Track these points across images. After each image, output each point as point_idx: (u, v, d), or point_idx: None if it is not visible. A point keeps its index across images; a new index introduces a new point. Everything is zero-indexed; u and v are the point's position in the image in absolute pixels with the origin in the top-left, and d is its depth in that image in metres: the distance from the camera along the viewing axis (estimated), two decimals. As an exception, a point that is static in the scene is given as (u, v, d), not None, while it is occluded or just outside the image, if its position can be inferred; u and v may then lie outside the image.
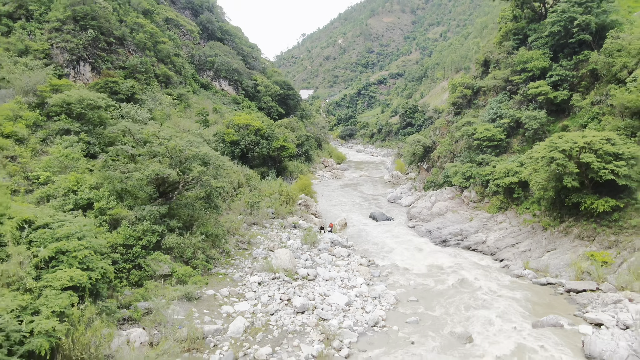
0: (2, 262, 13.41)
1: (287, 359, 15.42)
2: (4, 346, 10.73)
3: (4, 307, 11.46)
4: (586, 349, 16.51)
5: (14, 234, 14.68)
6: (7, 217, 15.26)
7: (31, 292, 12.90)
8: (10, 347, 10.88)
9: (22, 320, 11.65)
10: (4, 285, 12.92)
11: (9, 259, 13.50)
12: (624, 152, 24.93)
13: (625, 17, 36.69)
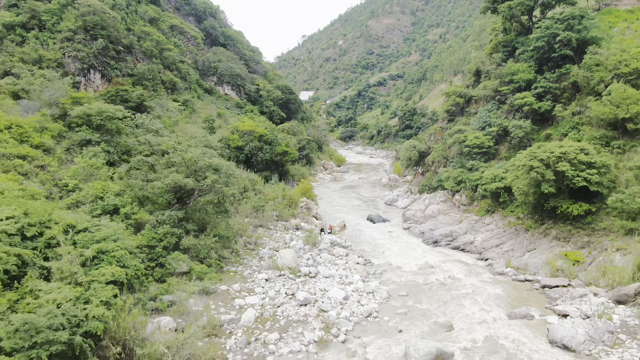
0: (56, 260, 16.11)
1: (292, 343, 18.12)
2: (67, 327, 13.41)
3: (64, 297, 14.17)
4: (550, 335, 19.20)
5: (60, 237, 17.38)
6: (54, 222, 17.96)
7: (81, 285, 15.60)
8: (70, 328, 13.56)
9: (77, 308, 14.33)
10: (58, 279, 15.63)
11: (60, 258, 16.20)
12: (596, 161, 27.60)
13: (606, 32, 39.32)
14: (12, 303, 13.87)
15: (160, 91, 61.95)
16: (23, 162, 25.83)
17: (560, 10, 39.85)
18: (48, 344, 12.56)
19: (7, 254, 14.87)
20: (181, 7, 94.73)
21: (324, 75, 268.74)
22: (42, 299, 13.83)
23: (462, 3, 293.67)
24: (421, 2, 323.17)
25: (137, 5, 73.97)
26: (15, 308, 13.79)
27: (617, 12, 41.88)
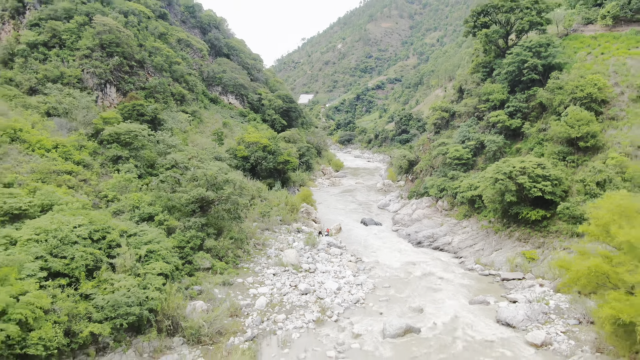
0: (118, 257, 21.49)
1: (295, 322, 23.51)
2: (134, 304, 18.77)
3: (131, 284, 19.56)
4: (497, 316, 24.60)
5: (118, 239, 22.78)
6: (111, 228, 23.34)
7: (139, 275, 20.99)
8: (138, 305, 18.93)
9: (139, 292, 19.69)
10: (122, 272, 21.01)
11: (121, 256, 21.57)
12: (550, 174, 33.00)
13: (571, 57, 44.72)
14: (93, 289, 19.27)
15: (170, 103, 67.26)
16: (70, 177, 31.22)
17: (533, 35, 45.30)
18: (126, 315, 17.98)
19: (86, 252, 20.27)
20: (187, 20, 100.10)
21: (324, 79, 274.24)
22: (115, 285, 19.24)
23: (459, 7, 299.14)
24: (419, 5, 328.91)
25: (148, 21, 79.07)
26: (95, 292, 19.18)
27: (582, 38, 47.27)
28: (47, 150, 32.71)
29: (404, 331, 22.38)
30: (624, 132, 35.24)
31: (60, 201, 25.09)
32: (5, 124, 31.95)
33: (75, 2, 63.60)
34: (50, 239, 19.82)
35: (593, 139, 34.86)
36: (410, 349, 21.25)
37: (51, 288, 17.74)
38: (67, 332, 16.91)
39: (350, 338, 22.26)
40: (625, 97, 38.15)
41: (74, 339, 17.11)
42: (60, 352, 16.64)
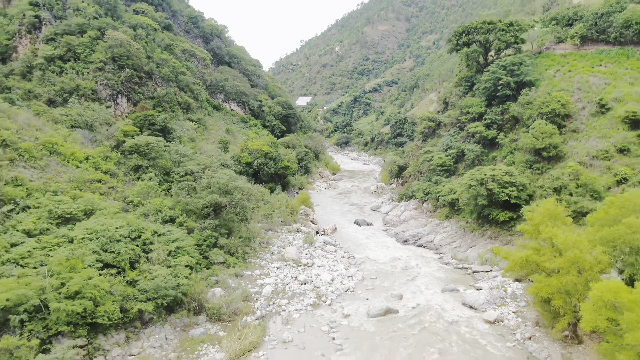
0: (152, 252, 26.65)
1: (296, 305, 28.72)
2: (170, 288, 23.92)
3: (165, 273, 24.74)
4: (463, 300, 29.84)
5: (151, 238, 27.93)
6: (144, 228, 28.50)
7: (170, 267, 26.16)
8: (172, 289, 24.08)
9: (172, 279, 24.84)
10: (156, 264, 26.16)
11: (155, 251, 26.72)
12: (516, 181, 38.27)
13: (542, 74, 50.01)
14: (137, 276, 24.44)
15: (177, 111, 72.27)
16: (101, 185, 36.37)
17: (510, 52, 50.60)
18: (165, 296, 23.19)
19: (128, 248, 25.45)
20: (190, 30, 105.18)
21: (321, 81, 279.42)
22: (154, 273, 24.43)
23: (454, 10, 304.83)
24: (415, 8, 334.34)
25: (154, 33, 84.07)
26: (139, 279, 24.34)
27: (554, 56, 52.56)
28: (79, 161, 37.85)
29: (384, 312, 27.61)
30: (582, 143, 40.56)
31: (100, 206, 30.26)
32: (45, 139, 37.10)
33: (88, 18, 68.67)
34: (100, 238, 25.01)
35: (555, 149, 40.13)
36: (388, 325, 26.47)
37: (106, 276, 22.90)
38: (121, 309, 22.07)
39: (341, 317, 27.48)
40: (586, 112, 43.49)
41: (126, 314, 22.29)
42: (116, 324, 21.82)
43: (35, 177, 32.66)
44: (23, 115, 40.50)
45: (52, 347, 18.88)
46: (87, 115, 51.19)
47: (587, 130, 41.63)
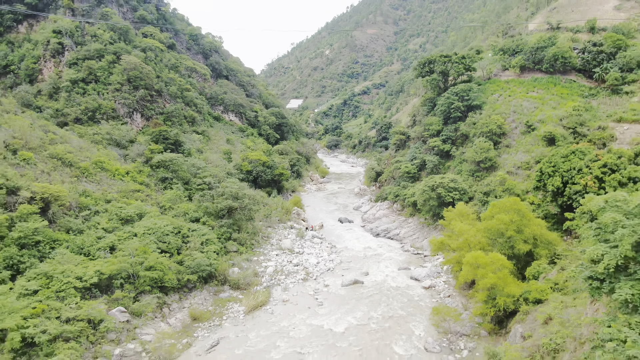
0: (190, 242, 38.40)
1: (291, 279, 40.65)
2: (206, 265, 35.70)
3: (201, 256, 36.54)
4: (410, 275, 41.97)
5: (188, 233, 39.70)
6: (182, 226, 40.24)
7: (203, 252, 37.94)
8: (206, 266, 35.89)
9: (205, 260, 36.63)
10: (193, 250, 37.90)
11: (191, 242, 38.45)
12: (459, 187, 50.45)
13: (488, 97, 62.29)
14: (183, 258, 36.21)
15: (184, 125, 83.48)
16: (140, 194, 47.97)
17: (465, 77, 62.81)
18: (203, 271, 35.03)
19: (174, 240, 37.22)
20: (191, 47, 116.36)
21: (312, 84, 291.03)
22: (194, 256, 36.19)
23: (440, 14, 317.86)
24: (403, 12, 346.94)
25: (161, 54, 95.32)
26: (184, 260, 36.07)
27: (499, 82, 64.88)
28: (122, 175, 49.43)
29: (353, 282, 39.63)
30: (512, 157, 52.85)
31: (146, 210, 41.95)
32: (95, 159, 48.66)
33: (104, 43, 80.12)
34: (155, 232, 36.74)
35: (490, 161, 52.41)
36: (355, 291, 38.50)
37: (164, 257, 34.63)
38: (177, 279, 33.85)
39: (322, 287, 39.48)
40: (518, 131, 55.83)
41: (179, 282, 34.06)
42: (174, 288, 33.60)
43: (94, 189, 44.21)
44: (74, 139, 51.97)
45: (140, 299, 30.60)
46: (116, 134, 62.52)
47: (517, 146, 53.95)
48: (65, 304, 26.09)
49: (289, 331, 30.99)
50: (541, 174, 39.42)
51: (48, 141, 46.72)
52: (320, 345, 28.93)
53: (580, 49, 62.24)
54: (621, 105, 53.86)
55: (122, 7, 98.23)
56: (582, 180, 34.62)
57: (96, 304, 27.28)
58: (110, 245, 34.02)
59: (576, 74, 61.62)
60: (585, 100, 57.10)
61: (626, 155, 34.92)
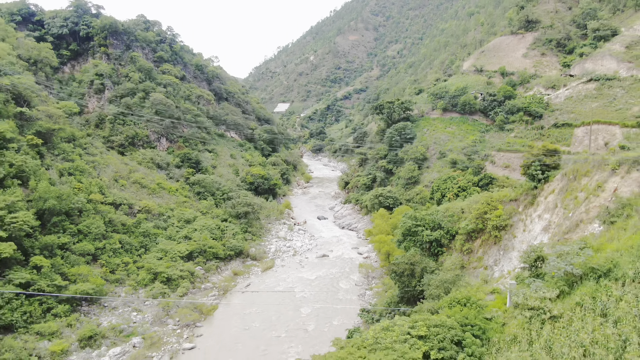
0: (226, 233, 66.79)
1: (285, 254, 69.48)
2: (237, 246, 64.12)
3: (233, 241, 65.02)
4: (359, 251, 71.01)
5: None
6: (219, 224, 68.58)
7: (234, 239, 66.36)
8: (235, 248, 64.34)
9: (238, 242, 65.04)
10: (229, 238, 66.28)
11: (227, 233, 66.81)
12: (393, 195, 79.58)
13: (420, 131, 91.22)
14: (224, 243, 64.70)
15: (198, 145, 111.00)
16: (187, 203, 76.15)
17: (407, 114, 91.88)
18: (236, 248, 63.68)
19: (218, 232, 65.70)
20: (198, 75, 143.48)
21: (298, 89, 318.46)
22: (231, 241, 64.65)
23: (417, 21, 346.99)
24: (382, 18, 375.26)
25: (177, 87, 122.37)
26: (225, 243, 64.51)
27: (428, 119, 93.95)
28: (173, 191, 77.44)
29: (322, 256, 68.54)
30: (429, 175, 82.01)
31: (196, 215, 70.21)
32: (157, 180, 76.59)
33: (135, 83, 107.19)
34: (207, 228, 65.12)
35: (414, 178, 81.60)
36: (323, 260, 67.41)
37: (215, 242, 62.96)
38: (224, 253, 62.30)
39: (304, 258, 68.35)
40: (435, 157, 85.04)
41: (225, 255, 62.48)
42: (221, 259, 62.07)
43: (161, 202, 72.18)
44: (144, 168, 79.80)
45: (207, 263, 58.92)
46: (157, 159, 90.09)
47: (433, 168, 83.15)
48: (177, 263, 54.38)
49: (285, 279, 59.65)
50: (432, 190, 68.73)
51: (128, 171, 74.49)
52: (302, 284, 57.59)
53: (481, 96, 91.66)
54: (502, 139, 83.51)
55: (144, 49, 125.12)
56: (449, 194, 63.96)
57: (189, 265, 55.59)
58: (185, 235, 62.22)
59: (479, 115, 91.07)
60: (482, 134, 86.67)
61: (474, 180, 64.24)
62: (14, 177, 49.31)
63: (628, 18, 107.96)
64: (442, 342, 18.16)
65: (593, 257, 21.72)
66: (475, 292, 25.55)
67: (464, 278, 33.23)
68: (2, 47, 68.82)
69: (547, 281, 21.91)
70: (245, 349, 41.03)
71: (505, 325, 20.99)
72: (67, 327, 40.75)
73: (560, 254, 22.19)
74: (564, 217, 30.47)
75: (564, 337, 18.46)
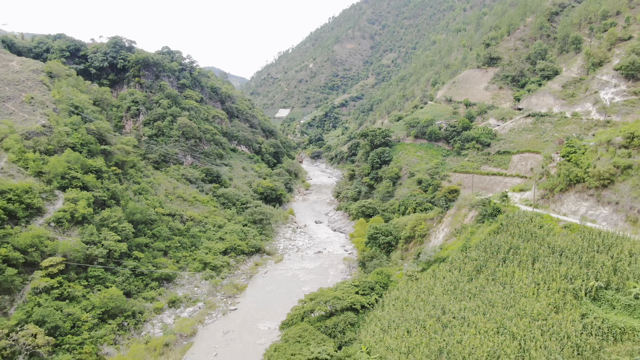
0: (248, 234, 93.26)
1: (291, 251, 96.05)
2: (257, 244, 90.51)
3: (253, 241, 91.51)
4: (345, 248, 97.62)
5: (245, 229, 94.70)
6: (242, 228, 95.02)
7: (254, 239, 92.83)
8: (255, 245, 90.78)
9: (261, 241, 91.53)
10: (251, 239, 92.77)
11: (249, 234, 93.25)
12: (372, 206, 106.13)
13: (396, 154, 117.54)
14: (247, 243, 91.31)
15: (216, 160, 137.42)
16: (216, 212, 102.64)
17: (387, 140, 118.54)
18: (256, 246, 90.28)
19: (243, 234, 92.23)
20: (212, 96, 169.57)
21: (298, 95, 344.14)
22: (252, 241, 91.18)
23: (411, 30, 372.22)
24: (379, 26, 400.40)
25: (198, 110, 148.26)
26: (247, 242, 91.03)
27: (404, 144, 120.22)
28: (205, 202, 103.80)
29: (318, 252, 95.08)
30: (401, 190, 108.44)
31: (224, 221, 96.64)
32: (193, 194, 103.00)
33: (164, 108, 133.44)
34: (235, 231, 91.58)
35: (389, 193, 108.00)
36: (319, 255, 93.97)
37: (241, 241, 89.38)
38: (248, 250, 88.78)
39: (305, 254, 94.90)
40: (406, 176, 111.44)
41: (249, 251, 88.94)
42: (246, 254, 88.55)
43: (197, 211, 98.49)
44: (181, 184, 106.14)
45: (237, 256, 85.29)
46: (188, 174, 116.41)
47: (404, 184, 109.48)
48: (217, 257, 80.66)
49: (292, 268, 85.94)
50: (399, 204, 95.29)
51: (173, 187, 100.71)
52: (303, 272, 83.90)
53: (445, 127, 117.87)
54: (459, 162, 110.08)
55: (170, 78, 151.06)
56: (409, 208, 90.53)
57: (226, 258, 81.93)
58: (219, 237, 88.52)
59: (443, 142, 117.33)
60: (443, 158, 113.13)
61: (429, 197, 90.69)
62: (111, 199, 75.51)
63: (570, 59, 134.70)
64: (364, 287, 44.56)
65: (440, 253, 48.28)
66: (390, 270, 52.00)
67: (388, 264, 59.76)
68: (84, 99, 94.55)
69: (419, 264, 48.51)
70: (269, 310, 67.43)
71: (397, 283, 47.60)
72: (159, 295, 67.16)
73: (427, 251, 48.72)
74: (450, 231, 56.69)
75: (417, 286, 45.08)
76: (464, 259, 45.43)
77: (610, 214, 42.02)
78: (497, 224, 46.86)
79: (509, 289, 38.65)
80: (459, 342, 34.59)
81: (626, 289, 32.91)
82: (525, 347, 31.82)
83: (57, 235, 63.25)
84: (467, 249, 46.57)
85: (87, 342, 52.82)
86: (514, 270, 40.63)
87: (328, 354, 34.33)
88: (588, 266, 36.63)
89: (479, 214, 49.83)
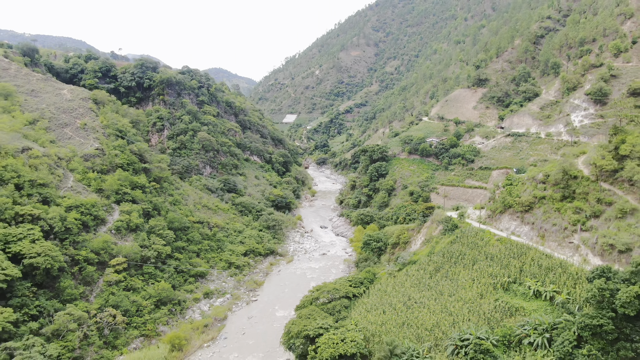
0: (264, 239, 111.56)
1: (300, 252, 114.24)
2: (271, 247, 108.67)
3: (268, 244, 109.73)
4: (345, 251, 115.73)
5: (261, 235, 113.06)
6: (259, 233, 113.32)
7: (269, 242, 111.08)
8: (270, 248, 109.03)
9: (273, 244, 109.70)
10: (265, 242, 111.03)
11: (264, 237, 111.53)
12: (370, 214, 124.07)
13: (392, 168, 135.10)
14: (263, 245, 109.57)
15: (232, 170, 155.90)
16: (235, 219, 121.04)
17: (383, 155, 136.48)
18: (270, 249, 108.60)
19: (259, 238, 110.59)
20: (227, 110, 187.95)
21: (305, 101, 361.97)
22: (267, 244, 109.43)
23: (414, 38, 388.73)
24: (383, 33, 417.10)
25: (215, 125, 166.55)
26: (262, 245, 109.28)
27: (399, 159, 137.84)
28: (226, 210, 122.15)
29: (322, 254, 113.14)
30: (395, 200, 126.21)
31: (242, 227, 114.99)
32: (215, 203, 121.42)
33: (186, 123, 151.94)
34: (252, 236, 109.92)
35: (385, 203, 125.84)
36: (323, 257, 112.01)
37: (258, 244, 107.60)
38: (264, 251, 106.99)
39: (311, 255, 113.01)
40: (400, 187, 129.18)
41: (265, 253, 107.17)
42: (262, 255, 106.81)
43: (220, 218, 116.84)
44: (204, 194, 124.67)
45: (256, 257, 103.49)
46: (209, 184, 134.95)
47: (398, 195, 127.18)
48: (240, 258, 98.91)
49: (301, 267, 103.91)
50: (392, 213, 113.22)
51: (199, 197, 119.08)
52: (310, 271, 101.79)
53: (435, 144, 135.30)
54: (446, 176, 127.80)
55: (189, 95, 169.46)
56: (400, 217, 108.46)
57: (246, 259, 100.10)
58: (240, 241, 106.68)
59: (433, 157, 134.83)
60: (433, 172, 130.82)
61: (418, 209, 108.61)
62: (153, 210, 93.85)
63: (550, 82, 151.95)
64: (356, 282, 62.52)
65: (413, 257, 66.17)
66: (376, 269, 69.94)
67: (378, 265, 77.77)
68: (125, 123, 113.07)
69: (397, 265, 66.41)
70: (283, 300, 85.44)
71: (381, 279, 65.51)
72: (196, 288, 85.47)
73: (403, 255, 66.62)
74: (424, 240, 74.40)
75: (394, 281, 63.10)
76: (428, 262, 62.88)
77: (529, 231, 59.25)
78: (454, 236, 64.30)
79: (455, 283, 56.13)
80: (416, 317, 52.29)
81: (524, 283, 50.33)
82: (457, 320, 49.44)
83: (117, 240, 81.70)
84: (432, 254, 63.99)
85: (149, 322, 71.25)
86: (460, 270, 58.09)
87: (329, 324, 52.04)
88: (505, 267, 54.06)
89: (443, 228, 67.27)
